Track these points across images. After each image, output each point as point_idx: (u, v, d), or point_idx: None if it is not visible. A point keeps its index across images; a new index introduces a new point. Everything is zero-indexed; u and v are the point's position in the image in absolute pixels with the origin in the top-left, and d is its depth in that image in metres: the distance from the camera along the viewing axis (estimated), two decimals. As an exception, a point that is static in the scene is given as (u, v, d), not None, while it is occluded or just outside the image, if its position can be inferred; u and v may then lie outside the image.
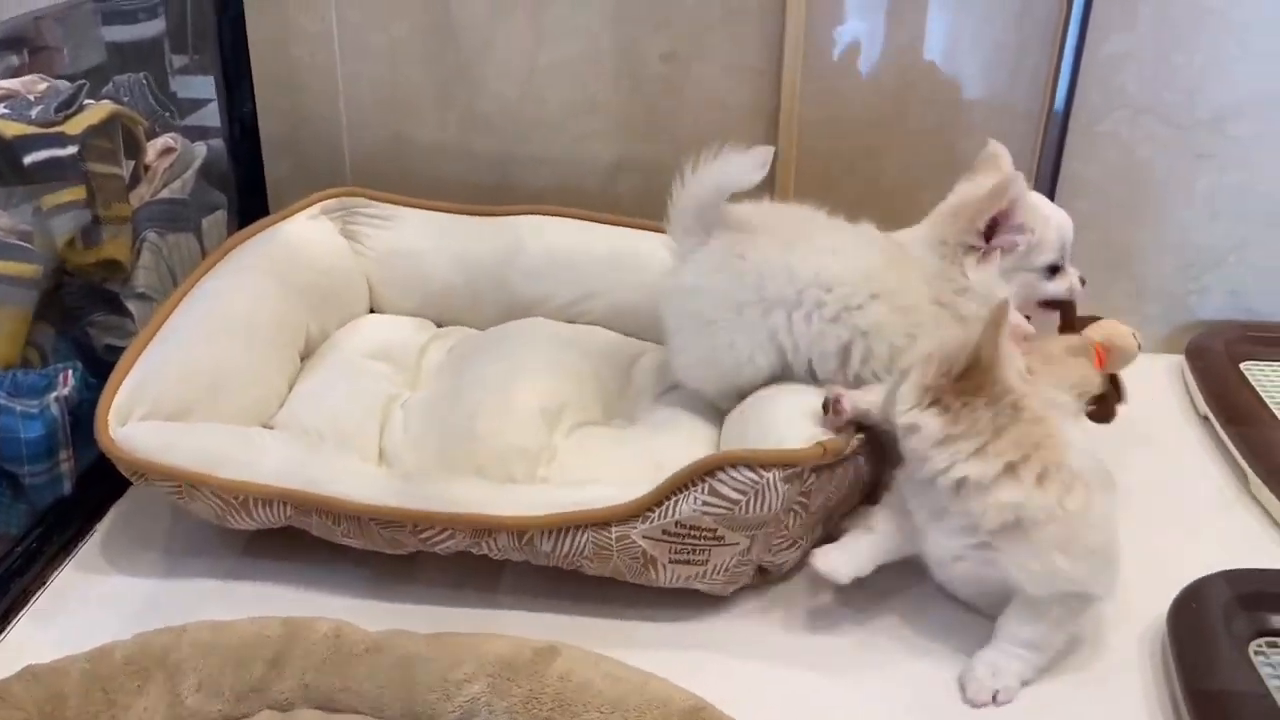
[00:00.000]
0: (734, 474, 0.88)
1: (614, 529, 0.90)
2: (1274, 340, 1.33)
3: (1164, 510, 1.09)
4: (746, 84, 1.33)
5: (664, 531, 0.90)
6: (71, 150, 1.10)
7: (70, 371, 1.02)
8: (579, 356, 1.17)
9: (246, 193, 1.38)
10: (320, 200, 1.26)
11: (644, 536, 0.90)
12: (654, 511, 0.89)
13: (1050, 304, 1.08)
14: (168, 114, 1.30)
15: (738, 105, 1.34)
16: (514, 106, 1.36)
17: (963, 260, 1.02)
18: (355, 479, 0.94)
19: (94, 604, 0.95)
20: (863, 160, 1.35)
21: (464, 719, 0.79)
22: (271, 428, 1.06)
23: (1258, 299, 1.38)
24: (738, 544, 0.91)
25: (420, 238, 1.29)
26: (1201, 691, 0.84)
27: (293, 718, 0.80)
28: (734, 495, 0.88)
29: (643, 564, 0.92)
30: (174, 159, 1.24)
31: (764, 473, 0.88)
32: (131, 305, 1.16)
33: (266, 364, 1.11)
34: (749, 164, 1.00)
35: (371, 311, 1.30)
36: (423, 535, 0.92)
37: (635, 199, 1.36)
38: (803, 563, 0.95)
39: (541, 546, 0.91)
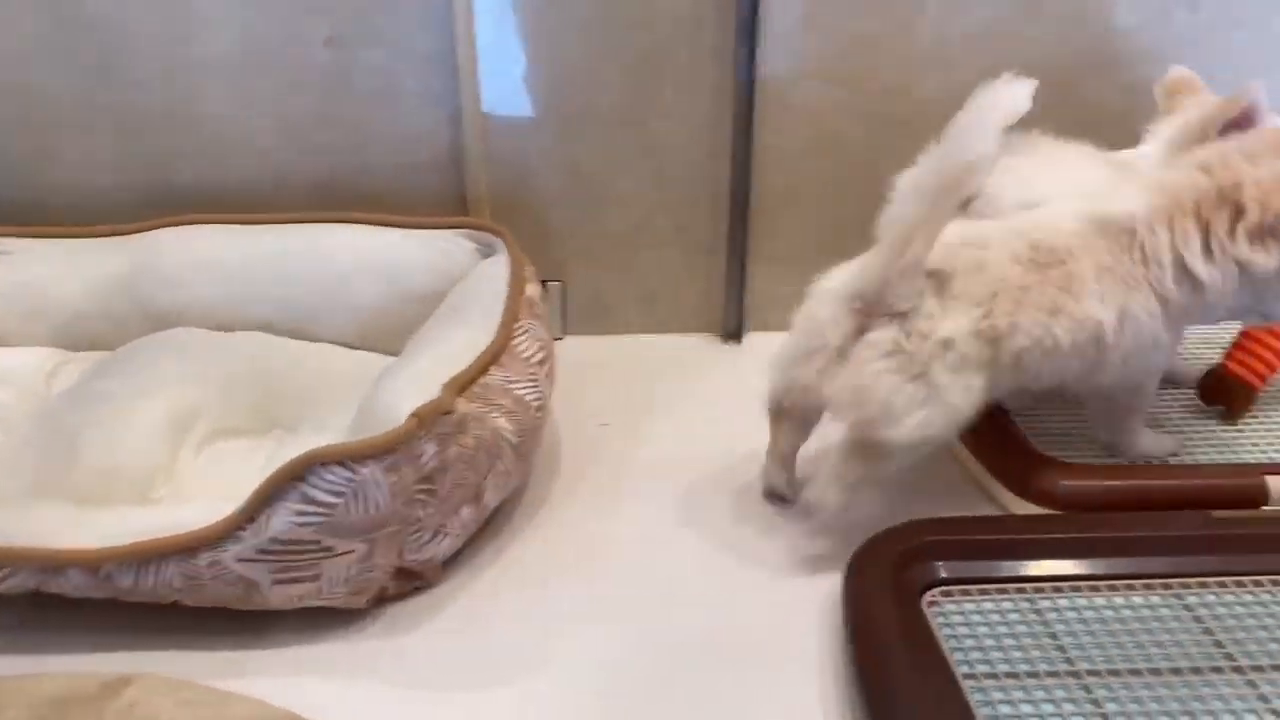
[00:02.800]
0: (326, 475, 0.78)
1: (203, 555, 0.78)
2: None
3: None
4: (419, 69, 1.25)
5: (260, 551, 0.78)
6: None
7: None
8: (227, 363, 1.07)
9: None
10: None
11: (238, 559, 0.79)
12: (245, 530, 0.78)
13: None
14: None
15: (413, 92, 1.26)
16: (168, 106, 1.24)
17: None
18: None
19: None
20: (560, 147, 1.29)
21: (-1, 773, 0.66)
22: None
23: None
24: (352, 551, 0.80)
25: (44, 266, 1.17)
26: (870, 646, 0.79)
27: None
28: (329, 499, 0.78)
29: (244, 589, 0.80)
30: None
31: (359, 468, 0.78)
32: None
33: None
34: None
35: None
36: None
37: (310, 193, 1.27)
38: (469, 549, 0.86)
39: (121, 581, 0.79)
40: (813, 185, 1.32)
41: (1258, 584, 0.85)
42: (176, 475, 0.95)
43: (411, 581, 0.88)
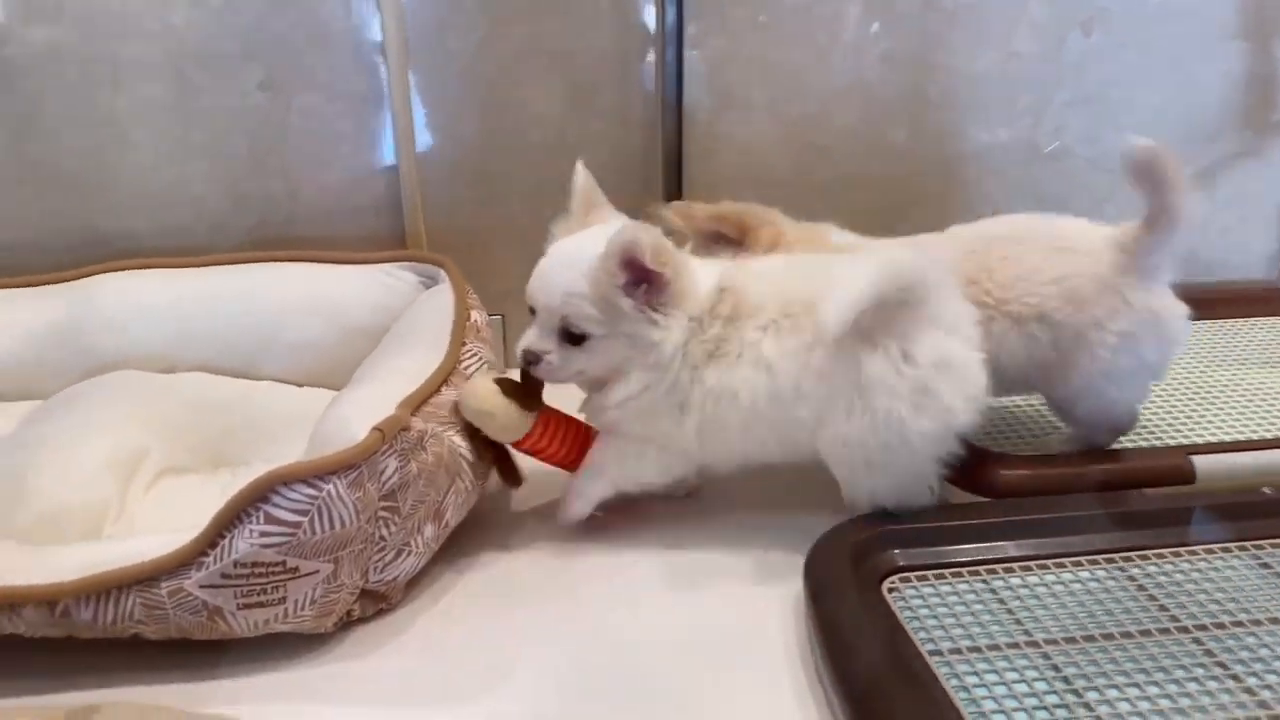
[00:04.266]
0: (287, 494, 0.77)
1: (164, 583, 0.77)
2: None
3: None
4: (353, 111, 1.27)
5: (223, 576, 0.77)
6: None
7: None
8: (172, 404, 1.06)
9: None
10: None
11: (201, 586, 0.77)
12: (208, 556, 0.77)
13: None
14: None
15: (348, 135, 1.27)
16: (97, 156, 1.24)
17: None
18: None
19: None
20: (494, 183, 1.31)
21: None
22: None
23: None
24: (317, 572, 0.79)
25: None
26: (837, 633, 0.81)
27: None
28: (293, 518, 0.77)
29: (208, 617, 0.78)
30: None
31: (321, 484, 0.78)
32: None
33: None
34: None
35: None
36: None
37: (245, 238, 1.27)
38: (430, 570, 0.87)
39: (80, 616, 0.77)
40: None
41: (1193, 553, 0.90)
42: (126, 513, 0.94)
43: (376, 604, 0.87)
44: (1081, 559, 0.89)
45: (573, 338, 0.90)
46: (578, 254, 0.89)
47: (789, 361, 0.90)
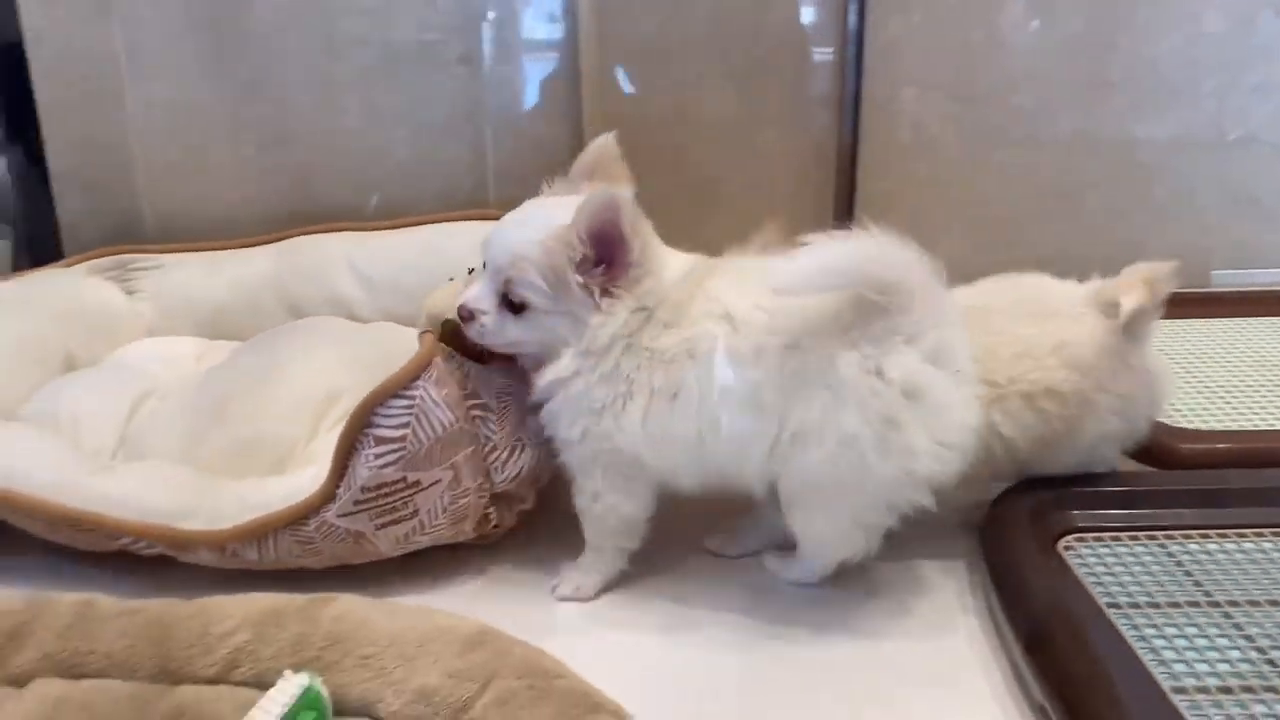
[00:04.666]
0: (386, 411, 0.83)
1: (310, 520, 0.84)
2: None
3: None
4: (545, 84, 1.34)
5: (356, 503, 0.84)
6: None
7: None
8: (364, 350, 1.12)
9: (33, 223, 1.32)
10: (91, 258, 1.25)
11: (339, 516, 0.84)
12: (339, 488, 0.84)
13: None
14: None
15: (539, 106, 1.35)
16: (310, 117, 1.34)
17: None
18: (45, 473, 0.88)
19: None
20: (667, 154, 1.37)
21: (225, 671, 0.72)
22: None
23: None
24: (438, 481, 0.85)
25: (193, 276, 1.27)
26: (1014, 587, 0.83)
27: (29, 692, 0.71)
28: (398, 432, 0.83)
29: (354, 542, 0.85)
30: (-58, 177, 1.18)
31: (411, 391, 0.83)
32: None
33: (8, 371, 1.06)
34: None
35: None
36: (120, 541, 0.86)
37: (441, 199, 1.35)
38: (541, 469, 0.90)
39: (246, 555, 0.86)
40: (910, 188, 1.39)
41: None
42: (310, 449, 1.00)
43: (514, 507, 0.92)
44: (1264, 530, 0.89)
45: (513, 305, 0.82)
46: (543, 218, 0.82)
47: (747, 364, 0.79)
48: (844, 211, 1.37)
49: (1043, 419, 0.90)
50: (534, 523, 0.95)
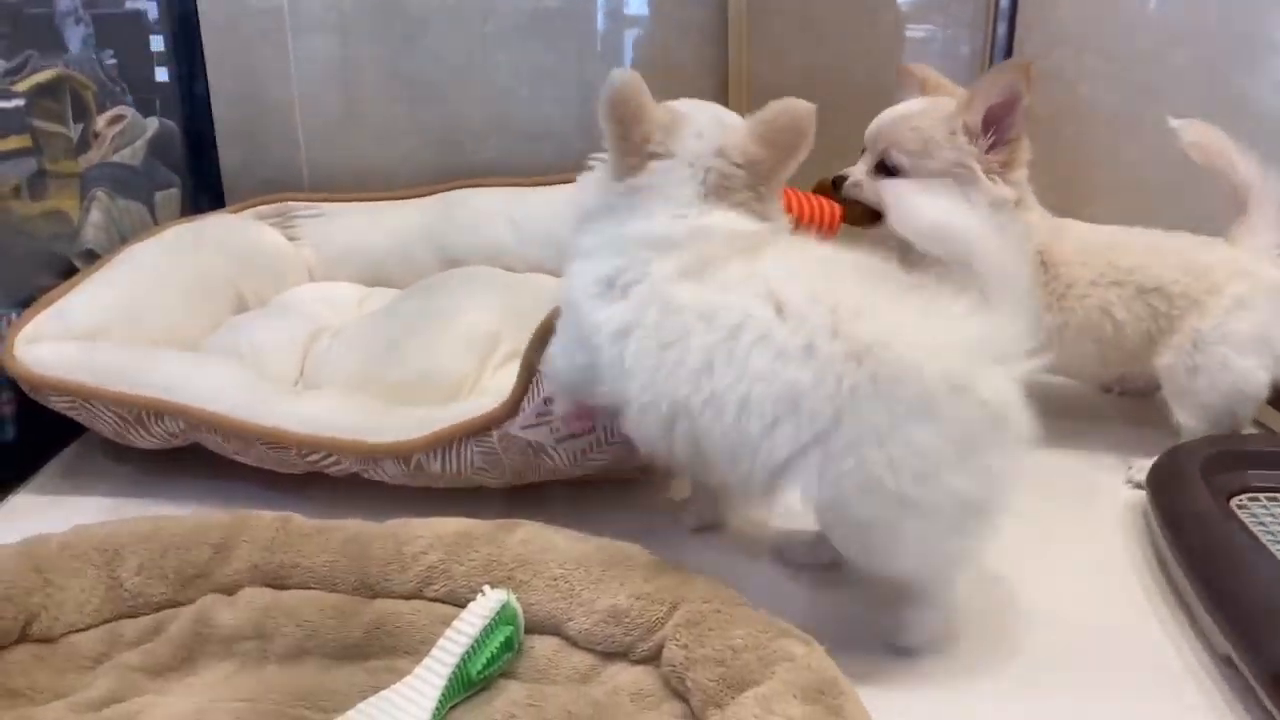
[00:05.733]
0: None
1: (494, 432, 0.87)
2: None
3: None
4: (692, 43, 1.35)
5: (538, 415, 0.86)
6: (17, 103, 1.10)
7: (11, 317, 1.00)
8: (520, 297, 1.17)
9: (199, 173, 1.38)
10: (255, 205, 1.32)
11: (522, 428, 0.86)
12: (526, 402, 0.86)
13: None
14: (118, 89, 1.30)
15: (685, 63, 1.36)
16: (463, 73, 1.37)
17: None
18: (239, 395, 0.92)
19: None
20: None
21: (420, 587, 0.75)
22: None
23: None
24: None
25: (353, 224, 1.33)
26: (1189, 540, 0.82)
27: (240, 599, 0.76)
28: None
29: (533, 455, 0.88)
30: (123, 126, 1.24)
31: None
32: (79, 264, 1.14)
33: (186, 307, 1.12)
34: None
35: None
36: (309, 458, 0.90)
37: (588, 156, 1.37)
38: None
39: (430, 468, 0.88)
40: (1060, 149, 1.36)
41: None
42: (479, 386, 1.05)
43: None
44: None
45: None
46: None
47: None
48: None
49: (1151, 313, 0.99)
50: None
